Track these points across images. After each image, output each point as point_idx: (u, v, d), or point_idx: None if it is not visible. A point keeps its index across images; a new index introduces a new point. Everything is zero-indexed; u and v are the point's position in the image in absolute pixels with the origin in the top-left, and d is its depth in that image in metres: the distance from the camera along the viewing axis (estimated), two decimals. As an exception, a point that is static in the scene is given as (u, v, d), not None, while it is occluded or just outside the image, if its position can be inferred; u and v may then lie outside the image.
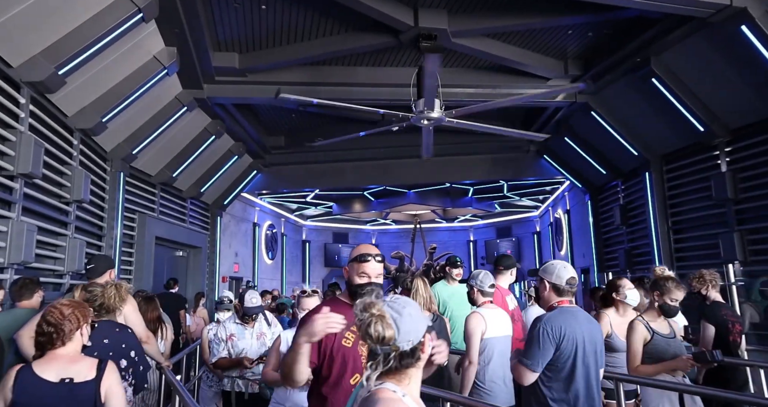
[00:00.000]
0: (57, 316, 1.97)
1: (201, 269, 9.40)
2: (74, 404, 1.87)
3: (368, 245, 2.12)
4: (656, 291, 2.99)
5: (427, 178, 10.62)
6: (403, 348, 1.28)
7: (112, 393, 1.96)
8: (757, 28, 4.66)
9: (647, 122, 6.95)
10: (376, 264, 2.03)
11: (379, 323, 1.27)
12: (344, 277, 2.13)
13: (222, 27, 5.78)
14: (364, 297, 1.37)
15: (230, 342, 3.70)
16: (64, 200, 5.18)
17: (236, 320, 3.78)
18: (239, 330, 3.75)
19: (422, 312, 1.89)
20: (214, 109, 7.24)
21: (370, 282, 2.00)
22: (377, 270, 2.03)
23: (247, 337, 3.73)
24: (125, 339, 2.68)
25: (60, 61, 4.34)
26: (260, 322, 3.83)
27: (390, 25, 5.54)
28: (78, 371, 1.93)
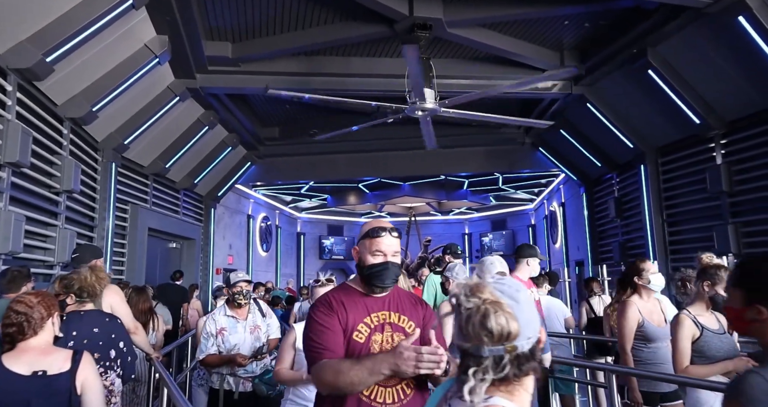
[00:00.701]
0: (26, 305, 1.90)
1: (195, 261, 9.35)
2: (48, 397, 1.80)
3: (380, 219, 1.84)
4: (706, 281, 2.66)
5: (422, 171, 10.59)
6: (523, 348, 0.95)
7: (89, 384, 1.88)
8: (755, 18, 4.63)
9: (643, 114, 6.92)
10: (392, 240, 1.73)
11: (500, 314, 0.94)
12: (354, 259, 1.82)
13: (214, 15, 5.69)
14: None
15: (221, 336, 3.27)
16: (53, 190, 5.11)
17: (227, 312, 3.36)
18: (230, 323, 3.33)
19: None
20: (207, 99, 7.16)
21: (386, 262, 1.70)
22: (393, 246, 1.73)
23: (240, 331, 3.31)
24: (115, 329, 2.64)
25: (48, 48, 4.25)
26: (254, 314, 3.42)
27: (385, 14, 5.48)
28: (51, 363, 1.86)
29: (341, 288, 1.84)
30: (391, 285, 1.73)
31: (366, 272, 1.71)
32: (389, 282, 1.71)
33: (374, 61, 6.98)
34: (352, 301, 1.72)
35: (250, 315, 3.41)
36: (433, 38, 6.03)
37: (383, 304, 1.75)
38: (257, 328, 3.39)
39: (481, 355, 0.94)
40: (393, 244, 1.73)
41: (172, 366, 4.82)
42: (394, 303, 1.77)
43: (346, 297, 1.73)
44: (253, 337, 3.34)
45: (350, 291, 1.77)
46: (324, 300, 1.75)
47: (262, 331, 3.39)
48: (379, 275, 1.69)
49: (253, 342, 3.33)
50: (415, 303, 1.83)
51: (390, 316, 1.74)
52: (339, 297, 1.74)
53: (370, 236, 1.73)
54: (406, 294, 1.84)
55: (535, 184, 12.94)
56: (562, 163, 9.61)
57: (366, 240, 1.74)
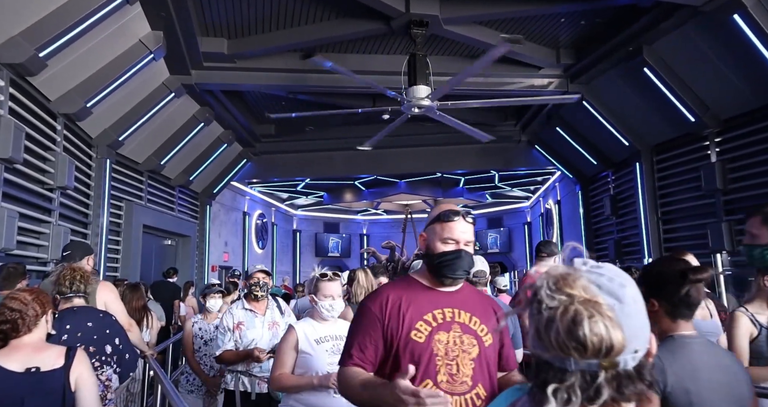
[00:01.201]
0: (20, 302, 1.88)
1: (190, 258, 9.32)
2: (42, 394, 1.79)
3: (450, 203, 1.67)
4: (767, 276, 2.38)
5: (418, 168, 10.59)
6: (626, 364, 0.70)
7: (83, 381, 1.86)
8: (750, 17, 4.64)
9: (639, 112, 6.94)
10: (467, 226, 1.53)
11: (597, 319, 0.68)
12: (420, 247, 1.63)
13: (210, 11, 5.66)
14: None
15: (238, 331, 3.10)
16: (47, 186, 5.08)
17: (245, 305, 3.19)
18: (249, 317, 3.15)
19: None
20: (203, 96, 7.13)
21: (459, 250, 1.50)
22: (467, 234, 1.53)
23: (258, 326, 3.14)
24: (110, 325, 2.62)
25: (41, 43, 4.22)
26: (272, 310, 3.27)
27: (381, 11, 5.46)
28: (44, 359, 1.84)
29: (403, 280, 1.65)
30: (463, 277, 1.55)
31: (435, 261, 1.52)
32: (461, 273, 1.53)
33: (371, 58, 6.96)
34: (413, 295, 1.52)
35: (268, 311, 3.24)
36: (430, 35, 6.01)
37: (451, 300, 1.55)
38: (275, 325, 3.19)
39: (565, 369, 0.69)
40: (467, 231, 1.52)
41: (167, 363, 4.80)
42: (464, 300, 1.57)
43: (406, 290, 1.54)
44: (271, 334, 3.15)
45: (412, 284, 1.57)
46: (376, 296, 1.55)
47: (280, 328, 3.14)
48: (451, 265, 1.50)
49: (271, 338, 3.12)
50: (489, 307, 1.61)
51: (459, 315, 1.52)
52: (397, 291, 1.54)
53: (441, 220, 1.52)
54: (477, 294, 1.66)
55: (531, 182, 12.97)
56: (558, 160, 9.63)
57: (436, 225, 1.54)
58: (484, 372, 1.49)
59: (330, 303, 2.39)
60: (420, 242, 1.61)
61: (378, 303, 1.52)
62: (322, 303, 2.38)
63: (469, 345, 1.50)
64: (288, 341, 2.36)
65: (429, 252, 1.55)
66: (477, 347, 1.50)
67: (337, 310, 2.41)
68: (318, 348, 2.31)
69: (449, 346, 1.47)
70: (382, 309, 1.50)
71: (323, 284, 2.43)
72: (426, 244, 1.57)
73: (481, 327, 1.53)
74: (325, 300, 2.39)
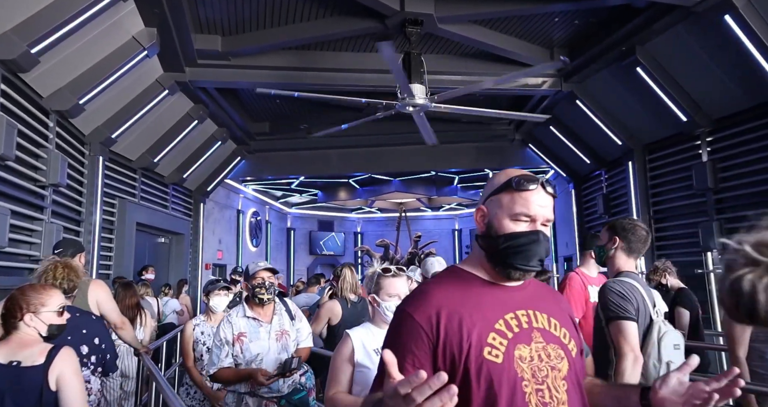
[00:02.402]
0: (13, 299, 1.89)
1: (184, 256, 9.29)
2: (20, 388, 1.77)
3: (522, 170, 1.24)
4: None
5: (412, 167, 10.61)
6: None
7: (66, 381, 1.80)
8: (740, 17, 4.68)
9: (631, 111, 6.99)
10: (546, 199, 1.13)
11: None
12: (477, 228, 1.19)
13: (204, 8, 5.64)
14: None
15: (239, 344, 2.55)
16: (39, 184, 5.05)
17: (246, 312, 2.63)
18: (252, 327, 2.60)
19: None
20: (197, 93, 7.10)
21: (537, 231, 1.11)
22: (548, 208, 1.13)
23: (263, 337, 2.59)
24: (87, 325, 2.53)
25: (33, 39, 4.18)
26: (280, 316, 2.69)
27: (376, 9, 5.46)
28: (27, 355, 1.82)
29: (450, 274, 1.20)
30: (537, 269, 1.14)
31: (502, 245, 1.10)
32: (535, 263, 1.11)
33: (365, 56, 6.96)
34: (474, 296, 1.11)
35: (275, 317, 2.66)
36: (425, 34, 6.03)
37: (522, 298, 1.16)
38: (285, 334, 2.64)
39: None
40: (547, 206, 1.12)
41: (161, 361, 4.79)
42: (534, 296, 1.19)
43: (461, 289, 1.12)
44: (279, 346, 2.60)
45: (466, 279, 1.15)
46: (421, 300, 1.11)
47: (290, 338, 2.64)
48: (523, 251, 1.09)
49: (280, 351, 2.58)
50: (557, 301, 1.25)
51: (535, 318, 1.14)
52: (449, 290, 1.12)
53: (512, 188, 1.12)
54: (542, 285, 1.27)
55: (524, 181, 13.01)
56: (552, 159, 9.68)
57: (503, 196, 1.13)
58: (578, 394, 1.12)
59: (396, 304, 2.08)
60: (477, 219, 1.19)
61: (424, 310, 1.08)
62: (386, 304, 1.98)
63: (557, 359, 1.11)
64: (341, 352, 1.92)
65: (490, 232, 1.13)
66: (565, 360, 1.12)
67: None
68: (378, 360, 1.93)
69: (535, 364, 1.08)
70: (431, 321, 1.07)
71: (387, 281, 2.02)
72: (485, 222, 1.15)
73: (563, 332, 1.16)
74: (390, 301, 1.98)
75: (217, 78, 6.79)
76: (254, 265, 2.71)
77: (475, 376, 1.04)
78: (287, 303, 2.81)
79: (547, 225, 1.14)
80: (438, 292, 1.13)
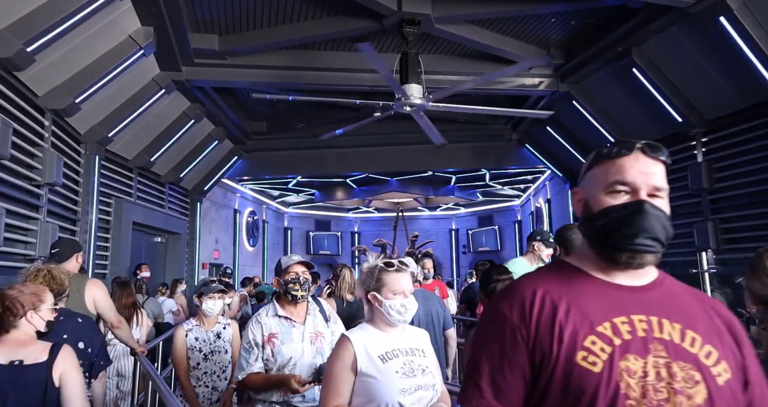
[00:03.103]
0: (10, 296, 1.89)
1: (180, 255, 9.28)
2: (24, 387, 1.79)
3: None
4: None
5: (409, 166, 10.62)
6: None
7: (68, 377, 1.86)
8: (735, 19, 4.71)
9: (627, 112, 7.02)
10: (650, 163, 0.95)
11: None
12: (578, 201, 1.02)
13: (201, 7, 5.63)
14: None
15: (269, 346, 2.27)
16: (35, 183, 5.03)
17: (278, 311, 2.34)
18: (284, 327, 2.31)
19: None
20: (194, 92, 7.09)
21: (640, 201, 0.92)
22: (654, 176, 0.95)
23: (296, 339, 2.30)
24: (70, 328, 2.45)
25: (29, 37, 4.17)
26: (314, 316, 2.40)
27: (373, 9, 5.47)
28: (28, 354, 1.85)
29: (551, 267, 1.05)
30: (651, 250, 0.92)
31: (598, 223, 0.93)
32: (645, 240, 0.90)
33: (363, 56, 6.95)
34: (574, 291, 0.94)
35: (309, 318, 2.37)
36: (422, 34, 6.04)
37: (643, 299, 0.94)
38: (319, 337, 2.34)
39: None
40: (651, 171, 0.94)
41: (157, 360, 4.78)
42: (666, 299, 0.95)
43: (560, 283, 0.95)
44: (314, 349, 2.30)
45: (569, 273, 0.98)
46: (513, 293, 0.97)
47: (325, 341, 2.35)
48: (624, 226, 0.90)
49: (314, 356, 2.29)
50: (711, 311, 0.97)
51: (659, 327, 0.91)
52: (546, 283, 0.96)
53: (605, 158, 0.97)
54: (686, 289, 1.00)
55: (521, 181, 13.06)
56: (548, 159, 9.71)
57: (597, 170, 0.98)
58: None
59: (403, 303, 1.73)
60: (574, 204, 1.03)
61: (517, 305, 0.94)
62: (390, 303, 1.73)
63: (687, 383, 0.86)
64: (341, 358, 1.68)
65: (587, 213, 0.97)
66: (702, 385, 0.87)
67: (412, 312, 1.76)
68: (385, 368, 1.65)
69: (650, 383, 0.86)
70: (525, 316, 0.92)
71: (391, 277, 1.76)
72: (584, 203, 0.99)
73: (707, 350, 0.90)
74: (395, 299, 1.73)
75: (214, 77, 6.78)
76: (287, 259, 2.44)
77: (559, 384, 0.86)
78: (321, 303, 2.50)
79: (658, 196, 0.94)
80: (532, 283, 0.97)
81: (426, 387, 1.68)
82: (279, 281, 2.40)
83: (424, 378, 1.69)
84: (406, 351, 1.72)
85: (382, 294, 1.74)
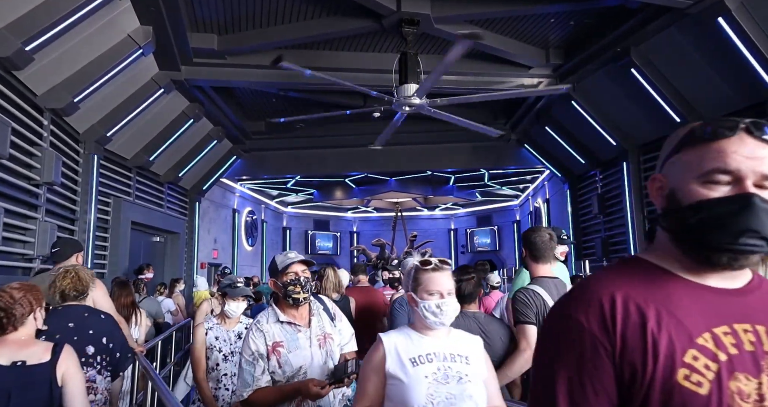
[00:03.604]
0: (7, 300, 1.89)
1: (179, 255, 9.27)
2: (28, 387, 1.80)
3: None
4: None
5: (408, 166, 10.62)
6: None
7: (70, 376, 1.87)
8: (734, 20, 4.72)
9: (626, 112, 7.03)
10: (758, 147, 0.77)
11: None
12: (656, 205, 0.86)
13: (200, 7, 5.62)
14: None
15: (275, 356, 2.00)
16: (33, 182, 5.02)
17: (280, 317, 2.07)
18: (288, 334, 2.05)
19: None
20: (193, 92, 7.09)
21: (747, 194, 0.75)
22: (760, 161, 0.76)
23: (303, 345, 2.05)
24: (94, 325, 2.54)
25: (27, 37, 4.17)
26: (319, 316, 2.17)
27: (373, 9, 5.47)
28: (30, 354, 1.86)
29: (624, 265, 0.86)
30: (764, 250, 0.76)
31: (691, 219, 0.78)
32: (749, 241, 0.75)
33: (362, 56, 6.97)
34: (660, 293, 0.78)
35: (314, 319, 2.13)
36: (421, 34, 6.04)
37: (741, 305, 0.80)
38: (327, 339, 2.12)
39: None
40: (761, 158, 0.76)
41: (156, 360, 4.78)
42: (764, 303, 0.81)
43: (646, 286, 0.79)
44: (323, 353, 2.07)
45: (652, 274, 0.82)
46: (590, 298, 0.80)
47: (334, 343, 2.13)
48: (727, 224, 0.75)
49: (325, 360, 2.06)
50: None
51: None
52: (627, 287, 0.79)
53: (700, 139, 0.79)
54: None
55: (520, 181, 13.07)
56: (547, 159, 9.72)
57: (687, 153, 0.81)
58: None
59: (438, 303, 1.61)
60: (652, 193, 0.86)
61: (597, 312, 0.78)
62: (425, 304, 1.61)
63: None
64: (371, 360, 1.62)
65: (673, 205, 0.81)
66: None
67: (450, 315, 1.63)
68: (414, 372, 1.57)
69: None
70: (607, 326, 0.76)
71: (426, 275, 1.65)
72: (665, 194, 0.83)
73: None
74: (430, 299, 1.62)
75: (213, 76, 6.78)
76: (283, 257, 2.15)
77: (666, 402, 0.72)
78: (324, 301, 2.27)
79: (766, 187, 0.76)
80: (607, 286, 0.80)
81: (461, 397, 1.54)
82: (276, 283, 2.13)
83: (460, 386, 1.56)
84: (444, 356, 1.61)
85: (417, 294, 1.65)
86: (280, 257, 2.18)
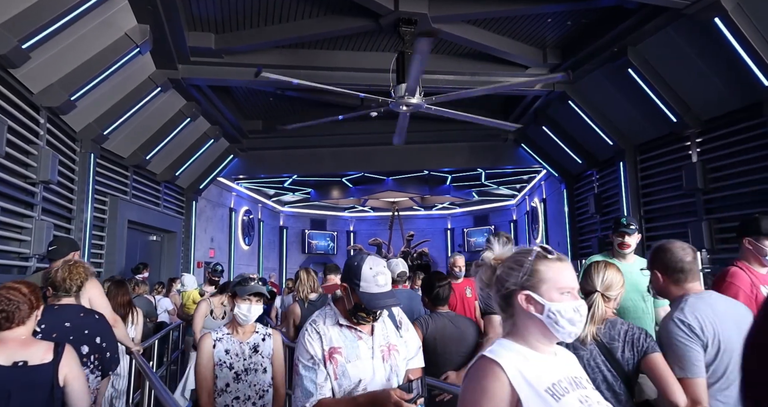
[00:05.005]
0: (18, 293, 1.87)
1: (176, 254, 9.25)
2: (29, 388, 1.78)
3: None
4: None
5: (405, 166, 10.63)
6: None
7: (74, 376, 1.86)
8: (730, 20, 4.74)
9: (623, 112, 7.06)
10: None
11: None
12: None
13: (197, 5, 5.61)
14: None
15: (332, 365, 1.72)
16: (30, 180, 5.00)
17: (339, 319, 1.80)
18: (348, 340, 1.77)
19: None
20: (190, 91, 7.07)
21: None
22: None
23: (365, 356, 1.76)
24: (89, 325, 2.54)
25: (24, 35, 4.15)
26: (384, 323, 1.86)
27: (370, 8, 5.47)
28: (31, 354, 1.84)
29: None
30: None
31: None
32: None
33: (360, 55, 6.97)
34: None
35: (377, 327, 1.82)
36: (418, 33, 6.03)
37: None
38: (392, 350, 1.82)
39: None
40: None
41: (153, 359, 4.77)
42: None
43: None
44: (387, 368, 1.78)
45: None
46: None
47: (399, 356, 1.83)
48: None
49: (388, 377, 1.77)
50: None
51: None
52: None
53: None
54: None
55: (517, 180, 13.10)
56: (544, 159, 9.74)
57: None
58: None
59: (575, 307, 1.17)
60: None
61: None
62: (558, 308, 1.16)
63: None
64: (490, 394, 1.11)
65: None
66: None
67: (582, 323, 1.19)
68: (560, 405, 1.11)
69: None
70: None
71: (554, 267, 1.20)
72: None
73: None
74: (563, 301, 1.17)
75: (210, 75, 6.76)
76: (375, 271, 1.77)
77: None
78: (391, 309, 1.89)
79: None
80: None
81: None
82: (348, 290, 1.77)
83: None
84: (572, 381, 1.16)
85: (542, 293, 1.17)
86: (369, 264, 1.77)
